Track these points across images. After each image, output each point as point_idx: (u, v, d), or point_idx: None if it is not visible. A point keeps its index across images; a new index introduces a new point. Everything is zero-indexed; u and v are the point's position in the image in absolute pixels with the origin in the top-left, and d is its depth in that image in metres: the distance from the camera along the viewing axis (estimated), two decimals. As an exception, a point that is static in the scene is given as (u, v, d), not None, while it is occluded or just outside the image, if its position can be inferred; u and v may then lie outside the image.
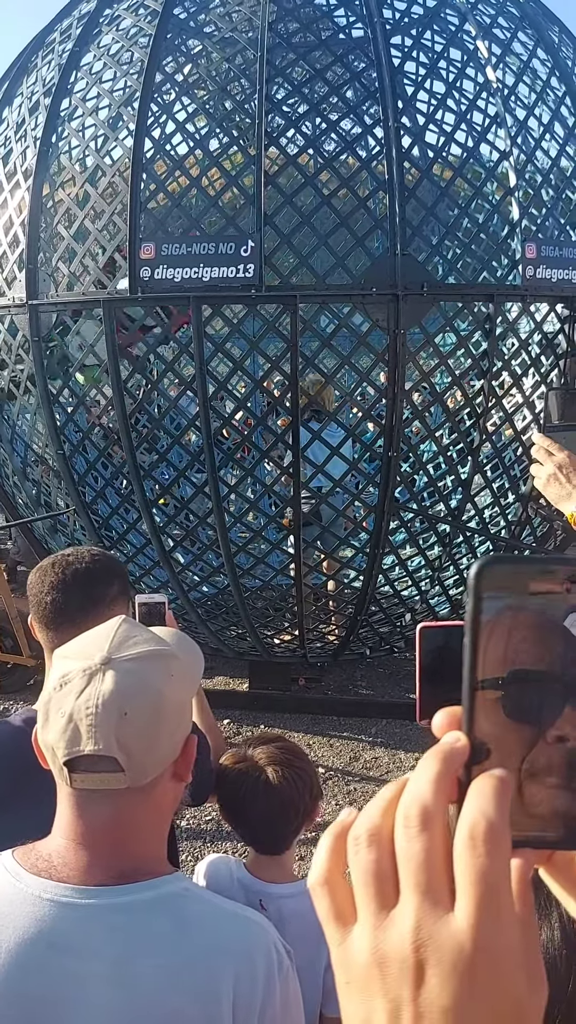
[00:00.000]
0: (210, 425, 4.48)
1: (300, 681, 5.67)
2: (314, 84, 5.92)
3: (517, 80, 4.96)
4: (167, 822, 1.18)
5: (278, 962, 1.09)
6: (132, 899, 1.04)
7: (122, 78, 5.07)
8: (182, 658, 1.18)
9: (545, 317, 4.72)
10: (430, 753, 0.44)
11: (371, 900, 0.43)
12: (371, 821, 0.45)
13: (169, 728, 1.10)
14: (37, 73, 5.09)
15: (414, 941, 0.41)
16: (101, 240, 4.52)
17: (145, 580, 5.23)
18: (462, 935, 0.40)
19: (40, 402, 4.77)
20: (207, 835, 4.18)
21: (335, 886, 0.46)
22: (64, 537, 5.49)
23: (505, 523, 5.19)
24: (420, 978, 0.40)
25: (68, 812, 1.08)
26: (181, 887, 1.10)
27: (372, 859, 0.44)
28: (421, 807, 0.43)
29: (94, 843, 1.06)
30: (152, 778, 1.08)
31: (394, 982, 0.41)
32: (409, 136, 4.85)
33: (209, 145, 6.80)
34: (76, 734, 1.04)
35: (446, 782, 0.43)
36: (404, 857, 0.43)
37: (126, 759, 1.04)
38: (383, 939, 0.42)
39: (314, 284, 4.52)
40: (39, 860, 1.07)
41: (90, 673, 1.07)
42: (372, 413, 5.16)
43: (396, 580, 5.33)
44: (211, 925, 1.09)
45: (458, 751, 0.44)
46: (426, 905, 0.41)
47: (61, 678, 1.08)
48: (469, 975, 0.40)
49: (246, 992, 1.04)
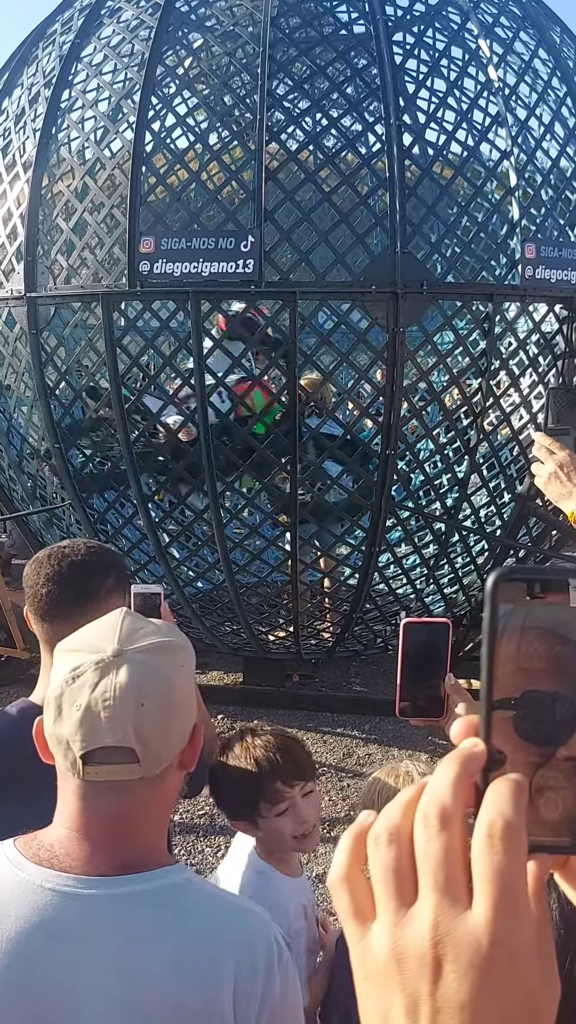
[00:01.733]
0: (207, 420, 4.47)
1: (294, 677, 5.68)
2: (315, 80, 5.91)
3: (518, 80, 4.96)
4: (169, 811, 1.19)
5: (278, 953, 1.09)
6: (134, 889, 1.05)
7: (123, 70, 5.05)
8: (187, 649, 1.19)
9: (544, 317, 4.73)
10: (449, 757, 0.46)
11: (390, 897, 0.44)
12: (391, 821, 0.46)
13: (180, 718, 1.11)
14: (37, 64, 5.07)
15: (432, 937, 0.42)
16: (100, 233, 4.50)
17: (141, 575, 5.22)
18: (479, 931, 0.41)
19: (36, 395, 4.76)
20: (200, 829, 4.18)
21: (355, 884, 0.47)
22: (60, 531, 5.48)
23: (501, 522, 5.19)
24: (438, 974, 0.41)
25: (74, 803, 1.08)
26: (183, 878, 1.10)
27: (392, 857, 0.45)
28: (440, 807, 0.44)
29: (98, 834, 1.06)
30: (163, 768, 1.09)
31: (412, 978, 0.42)
32: (410, 134, 4.85)
33: (209, 139, 6.79)
34: (94, 726, 1.04)
35: (464, 784, 0.44)
36: (423, 856, 0.44)
37: (143, 749, 1.05)
38: (402, 936, 0.43)
39: (313, 281, 4.52)
40: (41, 850, 1.07)
41: (103, 666, 1.07)
42: (369, 411, 5.16)
43: (391, 578, 5.33)
44: (212, 916, 1.09)
45: (476, 755, 0.45)
46: (444, 902, 0.42)
47: (72, 671, 1.08)
48: (486, 971, 0.41)
49: (247, 982, 1.04)
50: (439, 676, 1.35)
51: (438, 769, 0.45)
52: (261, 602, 5.50)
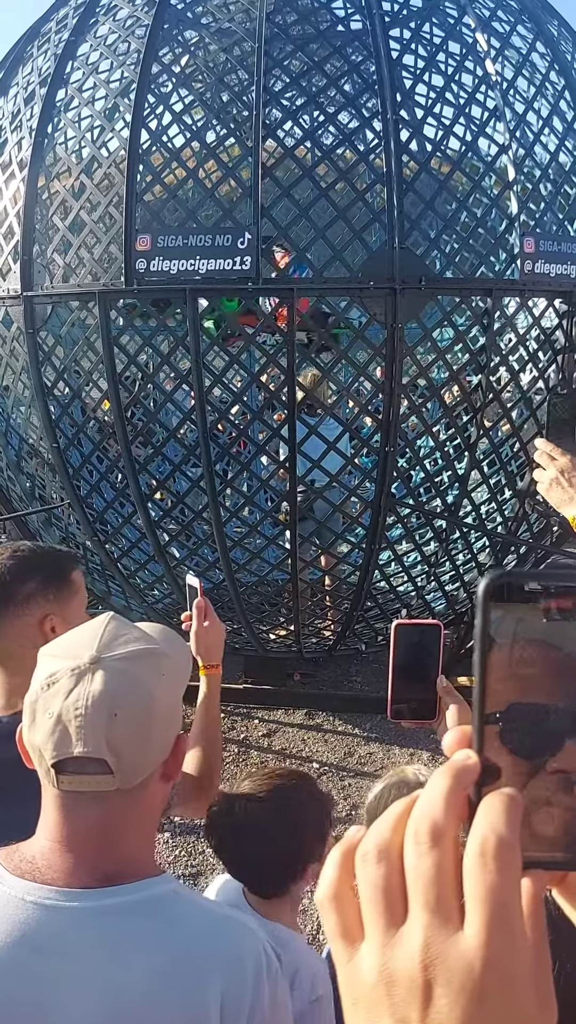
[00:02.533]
0: (206, 419, 4.45)
1: (295, 676, 5.66)
2: (312, 76, 5.89)
3: (516, 74, 4.93)
4: (155, 823, 1.16)
5: (267, 965, 1.07)
6: (118, 901, 1.02)
7: (118, 68, 5.02)
8: (172, 656, 1.15)
9: (543, 312, 4.70)
10: (441, 770, 0.44)
11: (379, 917, 0.42)
12: (380, 837, 0.44)
13: (159, 729, 1.07)
14: (33, 63, 5.05)
15: (423, 960, 0.40)
16: (97, 232, 4.48)
17: (140, 575, 5.21)
18: (471, 954, 0.39)
19: (34, 395, 4.74)
20: (200, 830, 4.15)
21: (343, 902, 0.45)
22: (59, 531, 5.46)
23: (502, 519, 5.17)
24: (428, 998, 0.39)
25: (54, 814, 1.05)
26: (169, 889, 1.08)
27: (381, 875, 0.43)
28: (431, 823, 0.42)
29: (80, 845, 1.04)
30: (142, 779, 1.06)
31: (402, 1002, 0.40)
32: (407, 129, 4.82)
33: (206, 137, 6.76)
34: (64, 736, 1.02)
35: (457, 799, 0.43)
36: (414, 874, 0.42)
37: (116, 761, 1.02)
38: (391, 957, 0.41)
39: (311, 277, 4.50)
40: (23, 862, 1.04)
41: (79, 673, 1.04)
42: (369, 408, 5.14)
43: (392, 576, 5.31)
44: (199, 928, 1.06)
45: (469, 768, 0.43)
46: (435, 923, 0.40)
47: (48, 677, 1.05)
48: (478, 995, 0.39)
49: (234, 996, 1.01)
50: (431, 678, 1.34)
51: (430, 782, 0.44)
52: (261, 601, 5.48)
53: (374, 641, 5.57)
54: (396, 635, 1.32)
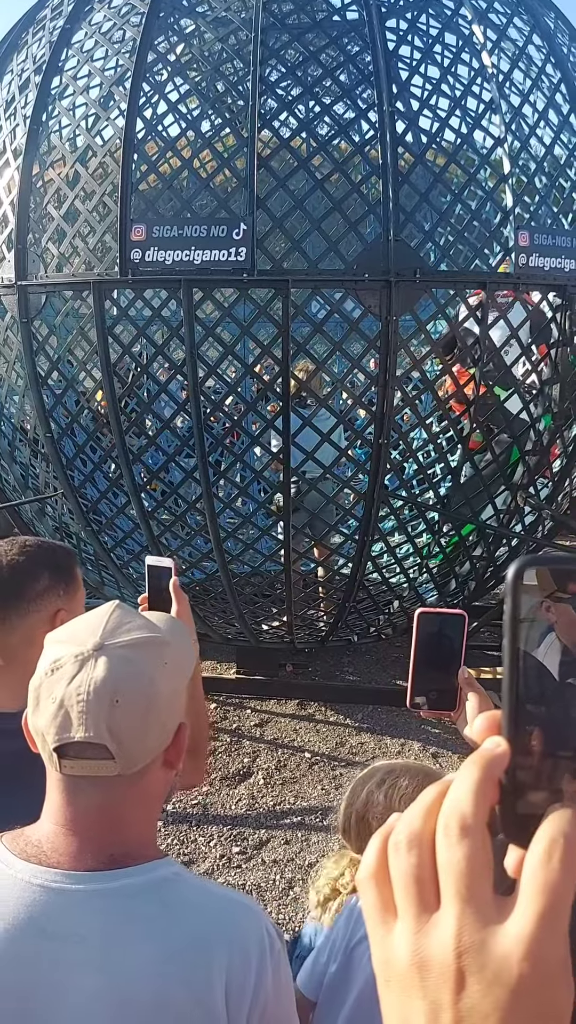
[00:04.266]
0: (200, 410, 4.46)
1: (288, 667, 5.69)
2: (308, 66, 5.87)
3: (512, 66, 4.93)
4: (157, 809, 1.17)
5: (269, 945, 1.08)
6: (122, 884, 1.04)
7: (114, 56, 5.00)
8: (175, 645, 1.16)
9: (537, 305, 4.72)
10: (471, 759, 0.45)
11: (411, 904, 0.44)
12: (412, 826, 0.46)
13: (161, 716, 1.09)
14: (28, 50, 5.02)
15: (456, 948, 0.42)
16: (91, 221, 4.47)
17: (133, 565, 5.22)
18: (512, 945, 0.41)
19: (28, 384, 4.73)
20: (193, 819, 4.19)
21: (382, 883, 0.47)
22: (52, 520, 5.46)
23: (494, 511, 5.20)
24: (461, 984, 0.41)
25: (58, 797, 1.07)
26: (172, 871, 1.09)
27: (413, 863, 0.45)
28: (461, 815, 0.43)
29: (84, 829, 1.05)
30: (143, 766, 1.07)
31: (433, 986, 0.42)
32: (403, 121, 4.81)
33: (201, 127, 6.74)
34: (67, 720, 1.03)
35: (487, 789, 0.44)
36: (445, 864, 0.44)
37: (116, 747, 1.03)
38: (424, 944, 0.43)
39: (306, 269, 4.50)
40: (28, 846, 1.06)
41: (82, 659, 1.06)
42: (363, 400, 5.15)
43: (385, 567, 5.33)
44: (203, 909, 1.08)
45: (499, 757, 0.44)
46: (468, 913, 0.42)
47: (52, 663, 1.07)
48: (514, 984, 0.40)
49: (239, 976, 1.03)
50: (453, 668, 1.30)
51: (461, 771, 0.45)
52: (255, 592, 5.49)
53: (366, 632, 5.59)
54: (418, 623, 1.29)
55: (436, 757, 4.62)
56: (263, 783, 4.51)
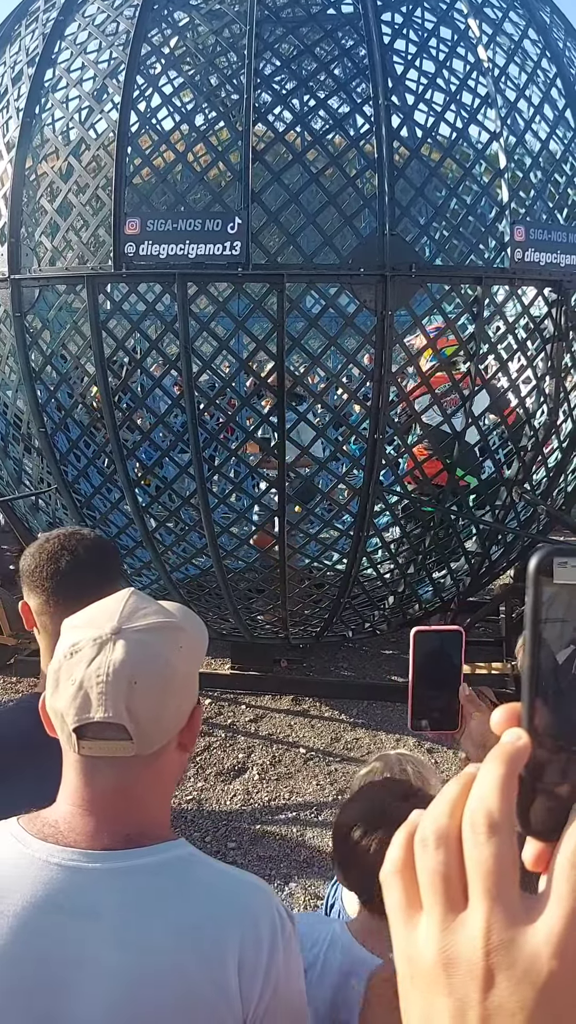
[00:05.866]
0: (194, 405, 4.44)
1: (282, 663, 5.68)
2: (303, 60, 5.84)
3: (508, 60, 4.91)
4: (171, 790, 1.20)
5: (281, 926, 1.10)
6: (138, 863, 1.06)
7: (107, 49, 4.97)
8: (189, 631, 1.19)
9: (532, 301, 4.71)
10: (493, 754, 0.45)
11: (439, 902, 0.44)
12: (438, 823, 0.46)
13: (177, 699, 1.12)
14: (20, 42, 4.98)
15: (484, 946, 0.42)
16: (85, 215, 4.44)
17: (128, 560, 5.20)
18: (540, 942, 0.41)
19: (21, 378, 4.71)
20: (188, 814, 4.18)
21: (407, 879, 0.47)
22: (46, 516, 5.44)
23: (489, 507, 5.20)
24: (490, 983, 0.41)
25: (75, 778, 1.10)
26: (187, 852, 1.12)
27: (440, 860, 0.44)
28: (487, 813, 0.43)
29: (100, 809, 1.08)
30: (159, 747, 1.10)
31: (460, 984, 0.42)
32: (398, 115, 4.79)
33: (195, 120, 6.71)
34: (86, 701, 1.06)
35: (511, 784, 0.44)
36: (473, 862, 0.43)
37: (134, 727, 1.06)
38: (452, 941, 0.43)
39: (301, 263, 4.48)
40: (45, 826, 1.09)
41: (101, 642, 1.09)
42: (358, 395, 5.13)
43: (379, 563, 5.33)
44: (216, 889, 1.10)
45: (520, 750, 0.44)
46: (497, 910, 0.42)
47: (72, 647, 1.10)
48: (543, 982, 0.40)
49: (251, 955, 1.05)
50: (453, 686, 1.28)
51: (484, 767, 0.45)
52: (249, 587, 5.48)
53: (361, 628, 5.59)
54: (415, 642, 1.26)
55: (431, 752, 4.62)
56: (258, 779, 4.51)
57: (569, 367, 4.84)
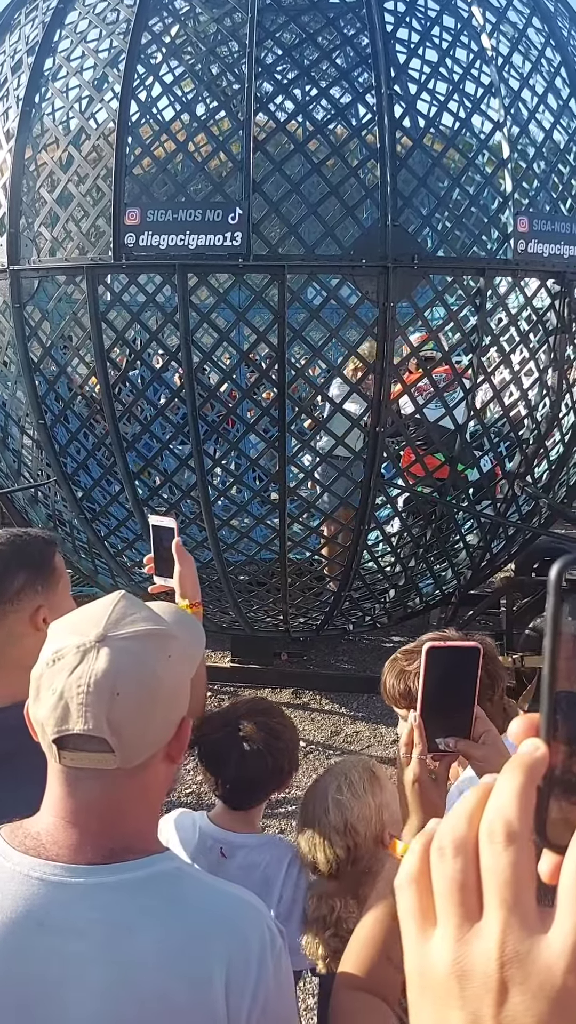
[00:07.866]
0: (195, 397, 4.41)
1: (282, 656, 5.67)
2: (304, 49, 5.79)
3: (512, 49, 4.86)
4: (159, 802, 1.16)
5: (271, 941, 1.07)
6: (123, 878, 1.02)
7: (107, 37, 4.92)
8: (181, 638, 1.14)
9: (535, 292, 4.67)
10: (511, 764, 0.44)
11: (454, 912, 0.43)
12: (456, 832, 0.45)
13: (163, 711, 1.07)
14: (20, 30, 4.94)
15: (500, 958, 0.41)
16: (85, 205, 4.41)
17: (127, 553, 5.19)
18: (556, 957, 0.40)
19: (20, 370, 4.68)
20: (187, 808, 4.17)
21: (422, 888, 0.46)
22: (45, 508, 5.42)
23: (491, 500, 5.17)
24: (504, 995, 0.40)
25: (58, 789, 1.05)
26: (173, 866, 1.08)
27: (457, 869, 0.44)
28: (505, 823, 0.43)
29: (84, 821, 1.04)
30: (143, 759, 1.05)
31: (474, 997, 0.41)
32: (401, 104, 4.75)
33: (196, 110, 6.66)
34: (66, 712, 1.01)
35: (530, 794, 0.43)
36: (490, 872, 0.43)
37: (116, 740, 1.01)
38: (466, 953, 0.42)
39: (303, 254, 4.44)
40: (27, 838, 1.05)
41: (84, 650, 1.04)
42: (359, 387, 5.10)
43: (380, 556, 5.31)
44: (204, 904, 1.07)
45: (539, 761, 0.44)
46: (513, 922, 0.41)
47: (54, 654, 1.05)
48: (558, 997, 0.39)
49: (239, 972, 1.02)
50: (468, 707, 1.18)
51: (502, 777, 0.44)
52: (250, 580, 5.47)
53: (361, 621, 5.57)
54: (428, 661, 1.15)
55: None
56: (258, 772, 4.50)
57: (572, 359, 4.80)
